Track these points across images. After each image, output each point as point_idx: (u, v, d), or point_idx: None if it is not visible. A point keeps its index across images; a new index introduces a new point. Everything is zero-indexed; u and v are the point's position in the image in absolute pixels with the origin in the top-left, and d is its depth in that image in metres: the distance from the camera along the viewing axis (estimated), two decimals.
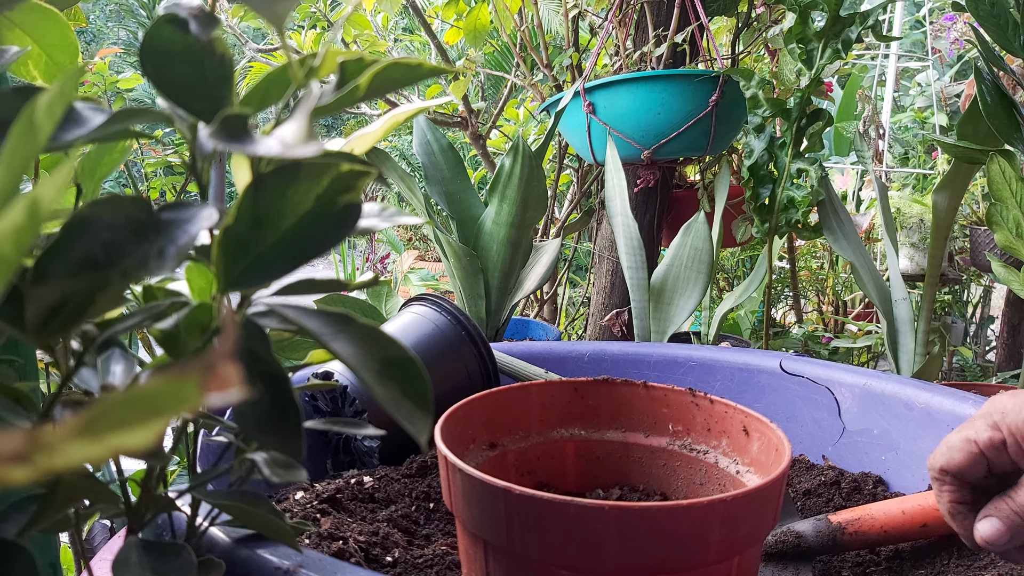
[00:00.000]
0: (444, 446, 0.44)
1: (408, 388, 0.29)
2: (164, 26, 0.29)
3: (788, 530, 0.60)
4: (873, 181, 1.98)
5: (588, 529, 0.38)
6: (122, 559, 0.29)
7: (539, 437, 0.58)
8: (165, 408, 0.14)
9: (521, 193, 1.29)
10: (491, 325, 1.41)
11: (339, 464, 0.78)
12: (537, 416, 0.58)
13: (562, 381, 0.59)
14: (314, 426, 0.38)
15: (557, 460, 0.58)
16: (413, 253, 4.68)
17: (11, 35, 0.42)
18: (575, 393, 0.58)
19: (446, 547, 0.58)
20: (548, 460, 0.58)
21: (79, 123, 0.27)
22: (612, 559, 0.38)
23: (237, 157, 0.31)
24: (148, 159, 2.07)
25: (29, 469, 0.13)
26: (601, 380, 0.58)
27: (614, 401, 0.58)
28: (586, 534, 0.38)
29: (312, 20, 1.99)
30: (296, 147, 0.25)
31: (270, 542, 0.41)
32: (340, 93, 0.31)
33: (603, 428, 0.59)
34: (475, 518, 0.42)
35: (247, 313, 0.31)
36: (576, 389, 0.58)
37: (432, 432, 0.29)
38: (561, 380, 0.59)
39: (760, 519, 0.41)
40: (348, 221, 0.28)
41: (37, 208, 0.18)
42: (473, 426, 0.54)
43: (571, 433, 0.59)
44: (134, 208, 0.26)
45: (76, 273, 0.25)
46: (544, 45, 1.67)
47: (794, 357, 0.87)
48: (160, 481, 0.34)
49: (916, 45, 3.79)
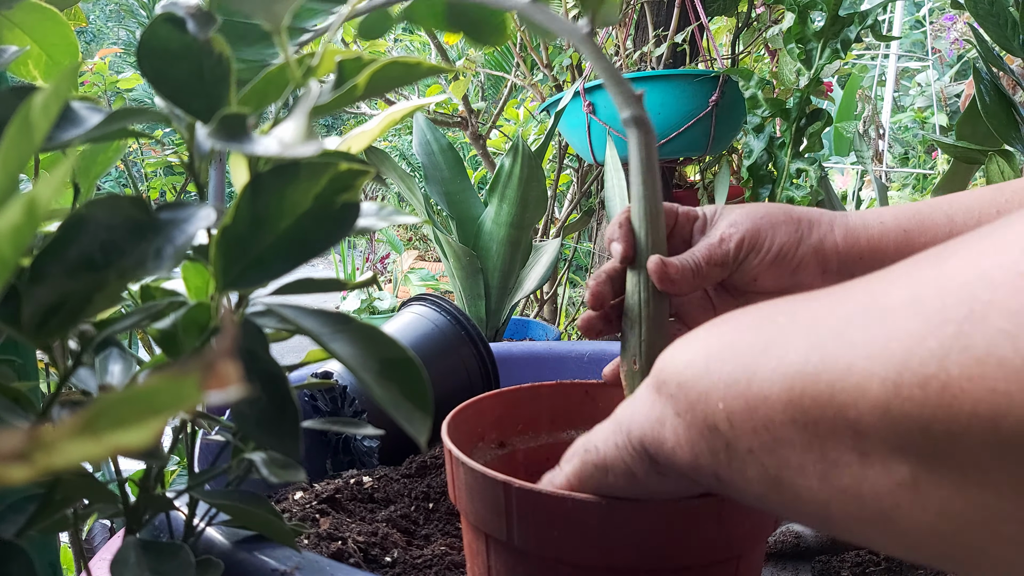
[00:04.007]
0: (450, 442, 0.45)
1: (408, 388, 0.29)
2: (162, 25, 0.29)
3: (787, 530, 0.60)
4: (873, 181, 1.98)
5: (587, 524, 0.38)
6: (121, 559, 0.29)
7: (549, 437, 0.58)
8: (164, 407, 0.14)
9: (521, 193, 1.29)
10: (491, 325, 1.41)
11: (338, 464, 0.78)
12: (547, 416, 0.58)
13: (573, 383, 0.59)
14: (313, 426, 0.38)
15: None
16: (413, 253, 4.68)
17: (11, 35, 0.42)
18: (586, 395, 0.59)
19: (445, 547, 0.58)
20: (558, 461, 0.58)
21: (76, 123, 0.27)
22: (611, 555, 0.38)
23: (236, 157, 0.31)
24: (148, 159, 2.07)
25: (28, 468, 0.13)
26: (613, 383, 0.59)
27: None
28: (585, 529, 0.38)
29: None
30: (295, 146, 0.25)
31: (268, 543, 0.41)
32: (338, 92, 0.31)
33: None
34: (477, 512, 0.42)
35: (245, 313, 0.31)
36: (587, 391, 0.59)
37: (431, 432, 0.29)
38: (572, 382, 0.59)
39: (760, 518, 0.41)
40: (347, 220, 0.28)
41: (35, 207, 0.18)
42: (482, 424, 0.55)
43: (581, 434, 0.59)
44: (132, 208, 0.26)
45: (74, 273, 0.25)
46: (544, 45, 1.67)
47: None
48: (158, 481, 0.34)
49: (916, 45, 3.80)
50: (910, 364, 0.21)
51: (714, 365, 0.29)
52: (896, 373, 0.21)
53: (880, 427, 0.22)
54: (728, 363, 0.28)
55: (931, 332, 0.21)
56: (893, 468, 0.22)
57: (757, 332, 0.28)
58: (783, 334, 0.27)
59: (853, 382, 0.23)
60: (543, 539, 0.39)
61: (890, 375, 0.21)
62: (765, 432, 0.26)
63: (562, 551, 0.39)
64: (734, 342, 0.29)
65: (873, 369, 0.22)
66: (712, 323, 0.32)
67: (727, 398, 0.28)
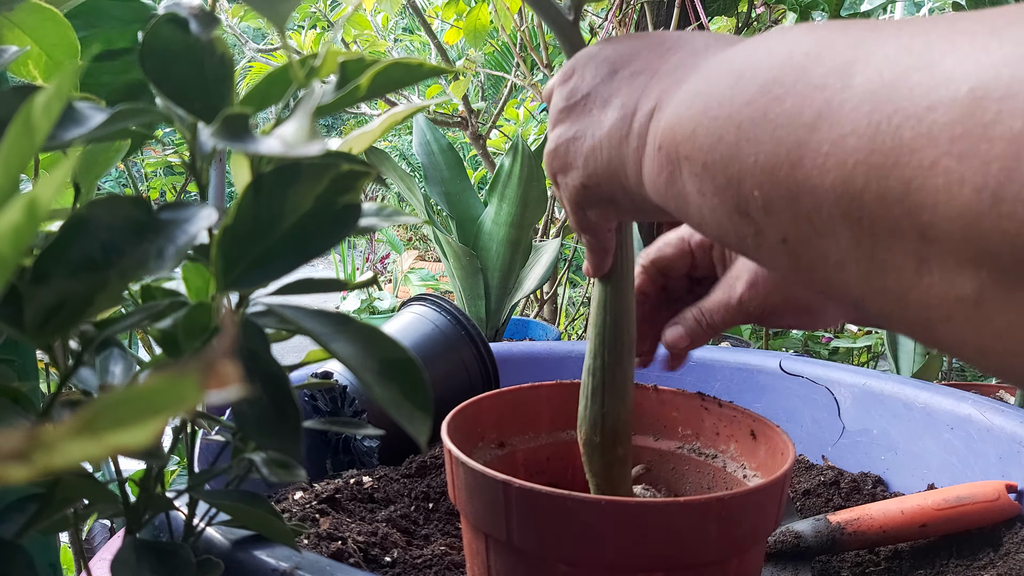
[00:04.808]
0: (450, 442, 0.44)
1: (408, 389, 0.29)
2: (164, 26, 0.29)
3: (787, 530, 0.60)
4: None
5: (586, 523, 0.38)
6: (121, 559, 0.29)
7: (549, 438, 0.58)
8: (165, 406, 0.14)
9: (520, 193, 1.29)
10: (491, 325, 1.41)
11: (338, 464, 0.78)
12: (547, 416, 0.58)
13: (573, 383, 0.59)
14: (313, 426, 0.38)
15: (566, 461, 0.58)
16: (413, 253, 4.68)
17: (11, 35, 0.42)
18: None
19: (445, 547, 0.58)
20: (557, 461, 0.58)
21: (79, 122, 0.27)
22: (609, 554, 0.38)
23: (237, 157, 0.31)
24: (148, 159, 2.07)
25: (29, 467, 0.13)
26: None
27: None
28: (583, 528, 0.38)
29: (312, 20, 1.99)
30: (298, 147, 0.25)
31: (268, 543, 0.41)
32: (341, 93, 0.31)
33: None
34: (476, 511, 0.42)
35: (246, 313, 0.31)
36: None
37: (432, 433, 0.29)
38: (572, 382, 0.59)
39: (759, 519, 0.41)
40: (348, 221, 0.28)
41: (35, 207, 0.18)
42: (482, 424, 0.55)
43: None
44: (133, 208, 0.26)
45: (75, 274, 0.25)
46: (544, 45, 1.67)
47: (794, 357, 0.87)
48: (158, 481, 0.34)
49: None
50: (1017, 176, 0.18)
51: (747, 147, 0.25)
52: (997, 184, 0.18)
53: (958, 237, 0.19)
54: (765, 142, 0.24)
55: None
56: (957, 281, 0.20)
57: (798, 99, 0.23)
58: (835, 102, 0.22)
59: (938, 183, 0.19)
60: (543, 539, 0.39)
61: (989, 184, 0.18)
62: (807, 223, 0.23)
63: (563, 551, 0.39)
64: (768, 112, 0.24)
65: (965, 174, 0.19)
66: (729, 67, 0.27)
67: (764, 186, 0.24)
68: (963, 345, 0.21)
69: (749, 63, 0.26)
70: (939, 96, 0.19)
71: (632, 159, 0.32)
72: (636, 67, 0.33)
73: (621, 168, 0.33)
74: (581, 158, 0.35)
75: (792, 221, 0.23)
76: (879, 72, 0.21)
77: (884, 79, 0.21)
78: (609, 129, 0.33)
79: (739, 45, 0.28)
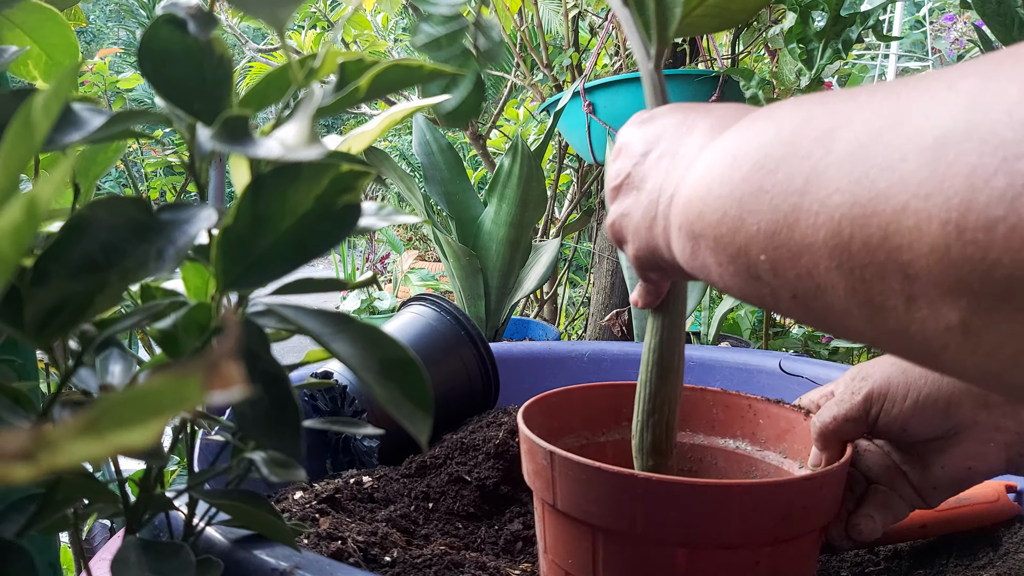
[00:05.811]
0: (539, 438, 0.47)
1: (408, 388, 0.29)
2: (163, 26, 0.29)
3: None
4: None
5: (713, 504, 0.41)
6: (121, 559, 0.29)
7: (617, 435, 0.61)
8: (167, 407, 0.14)
9: (520, 193, 1.29)
10: (490, 325, 1.41)
11: (338, 464, 0.78)
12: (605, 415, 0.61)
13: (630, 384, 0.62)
14: (313, 426, 0.38)
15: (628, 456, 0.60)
16: (413, 253, 4.68)
17: (11, 35, 0.42)
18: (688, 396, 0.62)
19: (445, 547, 0.58)
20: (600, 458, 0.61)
21: (78, 125, 0.27)
22: (731, 534, 0.42)
23: (236, 157, 0.31)
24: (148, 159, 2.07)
25: (32, 467, 0.13)
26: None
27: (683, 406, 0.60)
28: (708, 510, 0.41)
29: (312, 20, 1.99)
30: (298, 149, 0.25)
31: (268, 542, 0.41)
32: (341, 94, 0.31)
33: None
34: (587, 507, 0.44)
35: (246, 313, 0.31)
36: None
37: (431, 432, 0.29)
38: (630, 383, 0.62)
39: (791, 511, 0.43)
40: (348, 221, 0.28)
41: (35, 207, 0.18)
42: (564, 418, 0.58)
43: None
44: (133, 209, 0.26)
45: (75, 274, 0.25)
46: (544, 45, 1.67)
47: (793, 357, 0.87)
48: (158, 481, 0.34)
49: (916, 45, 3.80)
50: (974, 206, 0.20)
51: (749, 218, 0.28)
52: (959, 215, 0.20)
53: (935, 270, 0.21)
54: (764, 211, 0.27)
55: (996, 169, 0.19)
56: (941, 313, 0.21)
57: (789, 169, 0.26)
58: (820, 167, 0.25)
59: (909, 224, 0.21)
60: (664, 526, 0.42)
61: (952, 216, 0.20)
62: (809, 279, 0.25)
63: (682, 534, 0.42)
64: (763, 185, 0.27)
65: (932, 211, 0.21)
66: (725, 149, 0.31)
67: (768, 250, 0.27)
68: (965, 370, 0.22)
69: (743, 144, 0.29)
70: (909, 148, 0.22)
71: (662, 238, 0.37)
72: (661, 149, 0.39)
73: (656, 246, 0.38)
74: (631, 233, 0.41)
75: (796, 279, 0.26)
76: (856, 136, 0.24)
77: (861, 141, 0.23)
78: (643, 212, 0.39)
79: (733, 129, 0.31)
